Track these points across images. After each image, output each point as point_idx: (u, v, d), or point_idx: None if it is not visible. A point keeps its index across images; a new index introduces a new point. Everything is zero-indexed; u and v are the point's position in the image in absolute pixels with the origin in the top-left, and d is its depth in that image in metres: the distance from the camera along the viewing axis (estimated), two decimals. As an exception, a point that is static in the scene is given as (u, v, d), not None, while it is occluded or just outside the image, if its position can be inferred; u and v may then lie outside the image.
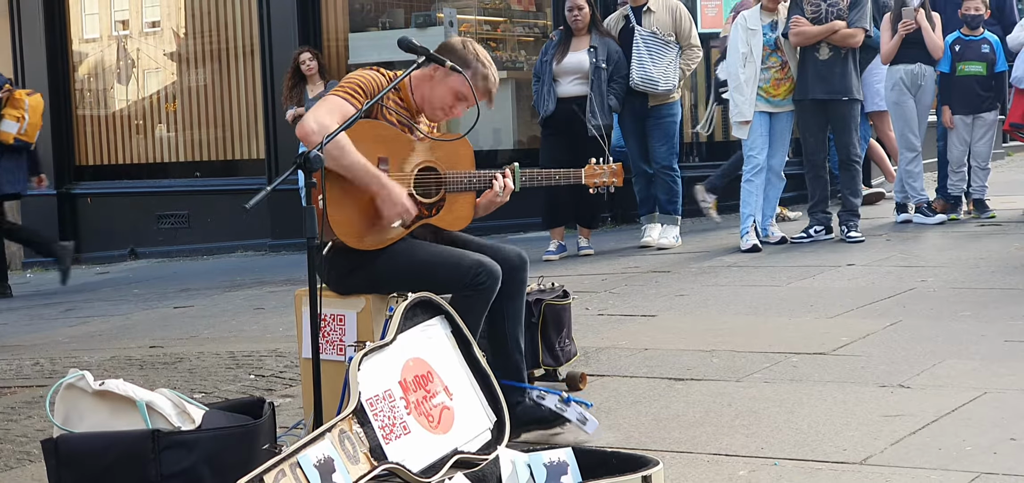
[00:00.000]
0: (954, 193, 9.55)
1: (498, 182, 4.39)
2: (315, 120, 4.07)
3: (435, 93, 4.34)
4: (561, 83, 8.87)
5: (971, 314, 5.97)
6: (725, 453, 3.97)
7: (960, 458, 3.73)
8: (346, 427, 3.51)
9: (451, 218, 4.38)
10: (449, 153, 4.37)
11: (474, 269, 4.16)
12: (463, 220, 4.41)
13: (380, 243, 4.23)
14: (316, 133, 4.01)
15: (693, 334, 5.95)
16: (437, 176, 4.33)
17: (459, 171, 4.35)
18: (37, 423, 5.06)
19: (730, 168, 9.89)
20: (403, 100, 4.37)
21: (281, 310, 7.84)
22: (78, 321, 8.74)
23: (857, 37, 8.58)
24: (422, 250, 4.27)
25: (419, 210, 4.28)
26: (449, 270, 4.19)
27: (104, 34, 14.26)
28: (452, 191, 4.36)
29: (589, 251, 9.11)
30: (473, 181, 4.37)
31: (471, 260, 4.19)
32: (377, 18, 12.87)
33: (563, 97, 8.85)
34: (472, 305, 4.18)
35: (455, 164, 4.36)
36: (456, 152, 4.38)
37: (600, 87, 8.80)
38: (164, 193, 13.32)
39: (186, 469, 3.44)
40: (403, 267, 4.21)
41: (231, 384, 5.62)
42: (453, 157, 4.37)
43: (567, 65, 8.89)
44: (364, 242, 4.20)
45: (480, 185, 4.39)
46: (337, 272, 4.25)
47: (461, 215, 4.41)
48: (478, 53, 4.38)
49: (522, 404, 4.35)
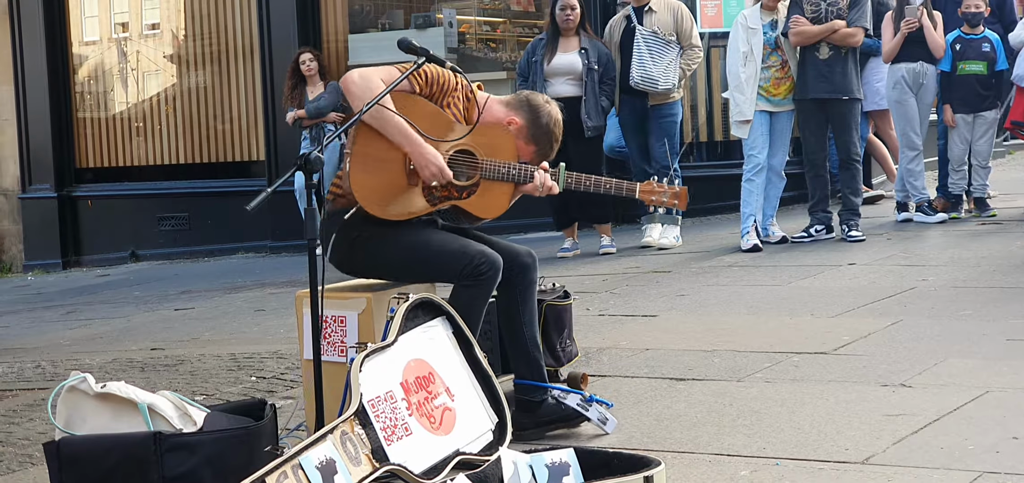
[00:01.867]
0: (955, 192, 9.55)
1: (540, 177, 4.33)
2: (360, 74, 4.10)
3: (496, 131, 4.35)
4: (552, 84, 8.86)
5: (972, 313, 5.97)
6: (727, 453, 3.97)
7: (962, 457, 3.73)
8: (348, 429, 3.51)
9: (482, 204, 4.31)
10: (490, 143, 4.32)
11: (477, 258, 4.15)
12: (496, 209, 4.34)
13: (402, 214, 4.19)
14: (358, 83, 4.05)
15: (694, 334, 5.94)
16: (473, 160, 4.30)
17: (497, 159, 4.32)
18: (39, 426, 5.06)
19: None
20: (467, 111, 4.35)
21: (282, 312, 7.83)
22: (79, 324, 8.74)
23: (857, 36, 8.58)
24: (428, 234, 4.25)
25: (449, 190, 4.25)
26: (451, 256, 4.17)
27: (104, 36, 14.26)
28: (488, 178, 4.31)
29: (611, 249, 9.05)
30: (511, 172, 4.31)
31: (475, 249, 4.18)
32: (377, 19, 12.87)
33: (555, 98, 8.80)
34: (473, 297, 4.16)
35: (495, 154, 4.31)
36: (498, 143, 4.33)
37: (594, 88, 8.81)
38: (165, 195, 13.32)
39: (188, 471, 3.44)
40: (406, 246, 4.19)
41: (232, 386, 5.62)
42: (494, 147, 4.32)
43: (558, 66, 8.88)
44: (387, 211, 4.17)
45: (518, 177, 4.32)
46: (341, 244, 4.23)
47: (494, 204, 4.33)
48: (553, 131, 4.42)
49: (545, 403, 4.35)
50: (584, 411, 4.30)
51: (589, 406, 4.30)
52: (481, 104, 4.36)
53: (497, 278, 4.18)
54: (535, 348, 4.39)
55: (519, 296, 4.32)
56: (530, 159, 4.41)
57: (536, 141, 4.39)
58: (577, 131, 8.64)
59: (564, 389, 4.43)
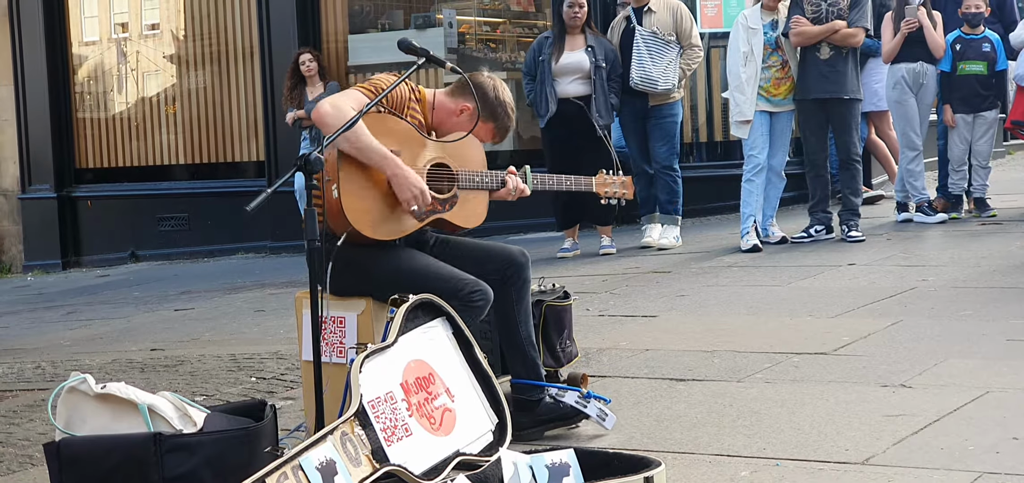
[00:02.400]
0: (955, 192, 9.55)
1: (511, 181, 4.43)
2: (331, 103, 4.10)
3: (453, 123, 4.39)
4: (560, 83, 8.86)
5: (972, 313, 5.97)
6: (727, 454, 3.97)
7: (962, 457, 3.73)
8: (348, 429, 3.51)
9: (465, 214, 4.38)
10: (460, 153, 4.38)
11: (470, 286, 4.16)
12: (477, 217, 4.42)
13: (394, 233, 4.21)
14: (330, 114, 4.05)
15: (694, 335, 5.94)
16: (449, 172, 4.34)
17: (471, 169, 4.37)
18: (39, 427, 5.06)
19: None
20: (423, 114, 4.39)
21: (282, 312, 7.83)
22: (79, 324, 8.73)
23: (858, 37, 8.58)
24: (421, 258, 4.27)
25: (433, 204, 4.27)
26: (444, 282, 4.16)
27: (104, 37, 14.26)
28: (464, 189, 4.36)
29: (611, 250, 9.06)
30: (485, 180, 4.40)
31: (468, 279, 4.19)
32: (376, 20, 12.87)
33: (564, 97, 8.84)
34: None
35: (466, 164, 4.38)
36: (467, 153, 4.39)
37: (603, 87, 8.80)
38: (164, 195, 13.32)
39: (188, 472, 3.43)
40: (398, 270, 4.20)
41: (232, 387, 5.62)
42: (464, 157, 4.38)
43: (567, 65, 8.88)
44: (378, 231, 4.19)
45: (492, 184, 4.41)
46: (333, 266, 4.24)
47: (475, 212, 4.41)
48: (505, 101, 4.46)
49: (543, 402, 4.35)
50: (582, 408, 4.30)
51: (587, 402, 4.30)
52: (431, 101, 4.42)
53: (486, 310, 4.21)
54: (531, 347, 4.40)
55: (514, 295, 4.34)
56: (493, 138, 4.48)
57: (493, 117, 4.43)
58: (588, 130, 8.64)
59: (561, 387, 4.43)
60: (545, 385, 4.39)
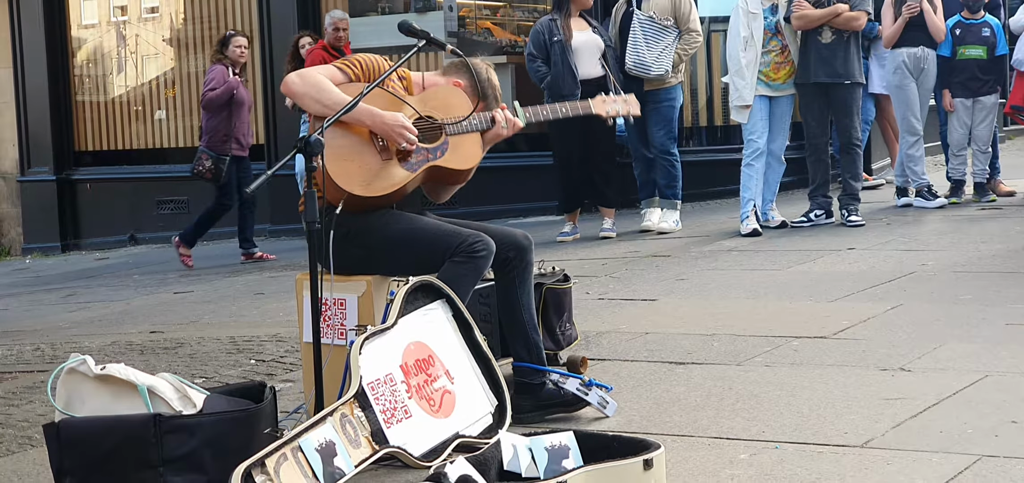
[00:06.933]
0: (955, 176, 9.56)
1: (500, 115, 4.42)
2: (299, 75, 4.18)
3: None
4: (581, 64, 8.74)
5: (972, 297, 5.97)
6: (726, 436, 3.97)
7: (961, 441, 3.73)
8: (347, 411, 3.51)
9: (459, 158, 4.35)
10: (444, 104, 4.38)
11: (472, 236, 4.16)
12: (473, 158, 4.39)
13: (388, 188, 4.20)
14: (298, 84, 4.14)
15: (693, 318, 5.94)
16: (434, 122, 4.33)
17: (457, 115, 4.36)
18: (38, 408, 5.06)
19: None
20: (408, 91, 4.39)
21: (281, 295, 7.84)
22: (78, 306, 8.74)
23: (860, 20, 8.57)
24: (420, 219, 4.28)
25: (425, 154, 4.26)
26: (447, 234, 4.18)
27: (103, 20, 14.24)
28: (454, 134, 4.35)
29: (611, 234, 9.03)
30: (473, 123, 4.38)
31: (469, 230, 4.20)
32: (377, 3, 12.84)
33: (586, 79, 8.73)
34: (463, 273, 4.14)
35: (451, 112, 4.37)
36: (451, 102, 4.39)
37: (615, 67, 8.77)
38: (163, 178, 13.31)
39: (188, 453, 3.44)
40: (399, 231, 4.20)
41: (232, 369, 5.62)
42: (449, 106, 4.38)
43: (585, 44, 8.79)
44: (371, 188, 4.17)
45: (481, 125, 4.41)
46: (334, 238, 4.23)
47: (469, 154, 4.38)
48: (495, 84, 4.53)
49: (545, 387, 4.35)
50: (584, 395, 4.30)
51: (589, 390, 4.30)
52: (419, 80, 4.45)
53: (490, 259, 4.18)
54: (533, 330, 4.40)
55: (516, 278, 4.33)
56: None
57: (483, 97, 4.46)
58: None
59: (563, 373, 4.42)
60: (547, 370, 4.39)
